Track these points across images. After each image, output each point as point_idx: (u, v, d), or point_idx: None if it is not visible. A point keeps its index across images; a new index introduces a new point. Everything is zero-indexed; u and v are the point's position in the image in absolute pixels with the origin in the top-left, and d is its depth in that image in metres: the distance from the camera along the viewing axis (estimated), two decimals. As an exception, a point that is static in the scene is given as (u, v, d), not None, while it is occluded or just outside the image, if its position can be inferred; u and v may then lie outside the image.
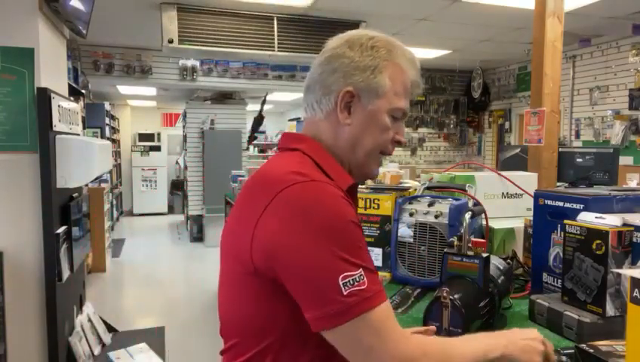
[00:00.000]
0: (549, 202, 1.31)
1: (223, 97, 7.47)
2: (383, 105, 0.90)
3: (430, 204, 1.50)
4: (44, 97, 2.21)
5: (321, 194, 0.77)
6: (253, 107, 7.76)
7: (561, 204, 1.26)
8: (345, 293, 0.71)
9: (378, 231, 1.64)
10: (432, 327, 0.99)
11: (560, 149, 2.68)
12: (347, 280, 0.72)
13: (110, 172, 7.29)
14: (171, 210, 10.26)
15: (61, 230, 2.35)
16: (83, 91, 5.32)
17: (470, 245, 1.11)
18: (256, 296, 0.80)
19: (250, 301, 0.81)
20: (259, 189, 0.81)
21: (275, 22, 4.41)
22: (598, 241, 1.05)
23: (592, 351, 0.81)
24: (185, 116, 7.75)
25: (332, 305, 0.71)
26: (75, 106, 2.78)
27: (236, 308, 0.85)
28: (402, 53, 0.93)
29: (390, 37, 0.94)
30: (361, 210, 1.62)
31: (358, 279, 0.72)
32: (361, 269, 0.73)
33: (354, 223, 0.77)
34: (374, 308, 0.73)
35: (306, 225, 0.74)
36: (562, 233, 1.16)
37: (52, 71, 2.46)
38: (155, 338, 3.15)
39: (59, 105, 2.36)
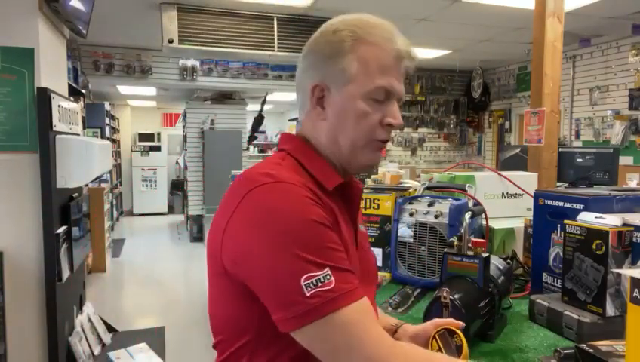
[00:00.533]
0: (549, 202, 1.31)
1: (223, 97, 7.47)
2: (354, 91, 0.84)
3: (430, 204, 1.50)
4: (44, 97, 2.21)
5: (283, 196, 0.75)
6: (253, 107, 7.76)
7: (561, 203, 1.27)
8: (308, 294, 0.69)
9: (378, 231, 1.64)
10: (460, 323, 0.90)
11: (560, 149, 2.68)
12: (310, 281, 0.70)
13: (110, 172, 7.29)
14: (171, 210, 10.26)
15: (61, 230, 2.35)
16: (83, 91, 5.31)
17: (470, 245, 1.11)
18: (231, 296, 0.80)
19: (227, 300, 0.82)
20: (234, 190, 0.80)
21: (275, 22, 4.41)
22: (598, 241, 1.05)
23: (592, 351, 0.81)
24: (185, 116, 7.75)
25: (296, 307, 0.70)
26: (75, 106, 2.78)
27: (216, 306, 0.86)
28: (372, 28, 0.86)
29: (363, 14, 0.88)
30: (361, 210, 1.62)
31: (322, 279, 0.70)
32: (327, 269, 0.71)
33: (318, 223, 0.74)
34: (342, 308, 0.70)
35: (267, 227, 0.73)
36: (562, 233, 1.16)
37: (52, 71, 2.46)
38: (155, 338, 3.15)
39: (59, 105, 2.36)
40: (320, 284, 0.70)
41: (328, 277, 0.71)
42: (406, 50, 0.87)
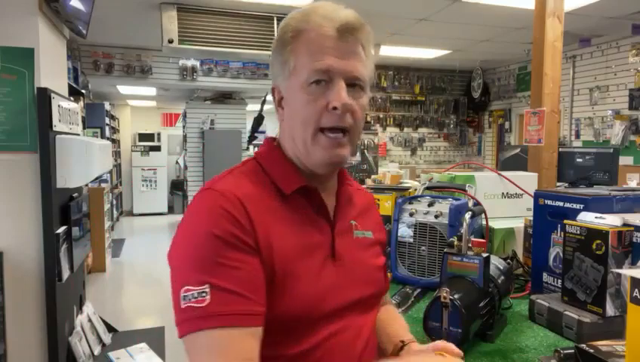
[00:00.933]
0: (549, 202, 1.31)
1: (223, 97, 7.47)
2: (294, 83, 0.80)
3: (430, 204, 1.50)
4: (44, 97, 2.21)
5: (201, 204, 0.75)
6: (253, 107, 7.75)
7: (561, 204, 1.27)
8: (182, 306, 0.68)
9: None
10: (459, 352, 0.81)
11: (560, 149, 2.68)
12: (187, 293, 0.68)
13: (110, 172, 7.29)
14: (171, 210, 10.25)
15: (61, 230, 2.35)
16: (83, 91, 5.32)
17: (470, 245, 1.11)
18: None
19: None
20: None
21: (275, 22, 4.41)
22: (598, 241, 1.05)
23: (592, 351, 0.81)
24: (185, 116, 7.75)
25: (175, 316, 0.70)
26: (75, 106, 2.78)
27: None
28: (308, 15, 0.81)
29: (308, 6, 0.83)
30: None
31: (196, 295, 0.68)
32: (206, 286, 0.68)
33: (216, 237, 0.70)
34: (207, 329, 0.67)
35: (178, 233, 0.75)
36: (562, 233, 1.16)
37: (52, 71, 2.46)
38: (155, 338, 3.15)
39: (59, 105, 2.36)
40: (193, 300, 0.68)
41: (204, 294, 0.68)
42: (345, 22, 0.79)
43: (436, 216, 1.46)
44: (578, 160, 2.65)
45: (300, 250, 0.78)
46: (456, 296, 0.99)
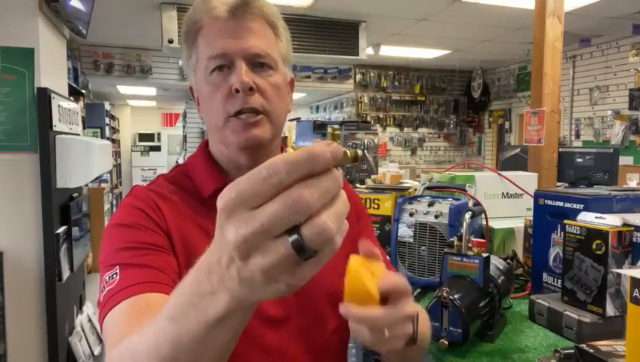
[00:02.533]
0: (549, 202, 1.31)
1: (223, 97, 7.48)
2: (199, 77, 0.79)
3: (430, 204, 1.50)
4: (44, 97, 2.21)
5: (118, 209, 0.78)
6: (253, 107, 7.76)
7: (561, 203, 1.26)
8: (101, 298, 0.68)
9: (378, 231, 1.64)
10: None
11: (560, 149, 2.68)
12: (102, 284, 0.69)
13: (110, 172, 7.28)
14: (171, 210, 10.26)
15: (61, 230, 2.35)
16: (83, 91, 5.31)
17: (470, 245, 1.11)
18: None
19: None
20: None
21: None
22: (598, 241, 1.05)
23: (592, 351, 0.81)
24: (185, 116, 7.75)
25: (98, 311, 0.70)
26: (75, 106, 2.78)
27: None
28: (196, 6, 0.78)
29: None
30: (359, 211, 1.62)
31: (108, 279, 0.68)
32: (116, 268, 0.68)
33: (124, 226, 0.73)
34: (118, 305, 0.64)
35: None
36: (562, 233, 1.16)
37: (52, 71, 2.46)
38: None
39: (59, 105, 2.36)
40: (107, 284, 0.67)
41: (115, 276, 0.67)
42: (227, 1, 0.75)
43: (436, 216, 1.46)
44: (578, 160, 2.65)
45: None
46: (456, 296, 0.99)
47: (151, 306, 0.60)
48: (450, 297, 0.98)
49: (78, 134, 2.77)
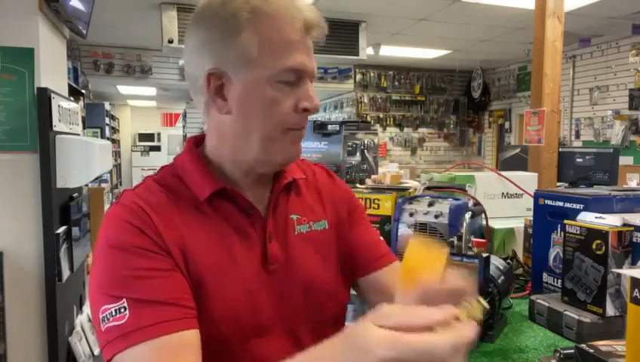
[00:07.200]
0: (549, 202, 1.31)
1: (223, 97, 7.48)
2: (259, 76, 0.70)
3: (430, 204, 1.50)
4: (44, 97, 2.20)
5: (106, 221, 0.71)
6: (253, 107, 7.76)
7: (561, 203, 1.26)
8: (103, 329, 0.63)
9: (378, 232, 1.64)
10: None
11: (560, 149, 2.68)
12: (105, 314, 0.63)
13: (110, 172, 7.29)
14: (171, 210, 10.25)
15: (61, 230, 2.35)
16: (83, 91, 5.32)
17: (470, 245, 1.11)
18: None
19: None
20: None
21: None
22: (598, 241, 1.05)
23: (592, 351, 0.81)
24: (185, 116, 7.75)
25: (98, 340, 0.65)
26: (75, 106, 2.78)
27: None
28: None
29: None
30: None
31: (114, 313, 0.63)
32: (123, 301, 0.63)
33: (123, 250, 0.66)
34: (132, 347, 0.61)
35: (93, 253, 0.71)
36: (562, 233, 1.16)
37: (52, 71, 2.46)
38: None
39: (59, 105, 2.36)
40: (112, 319, 0.63)
41: (123, 310, 0.63)
42: (313, 17, 0.72)
43: (436, 216, 1.45)
44: (578, 160, 2.65)
45: (217, 263, 0.71)
46: (456, 296, 0.99)
47: (186, 345, 0.63)
48: (450, 297, 0.98)
49: (78, 134, 2.77)
